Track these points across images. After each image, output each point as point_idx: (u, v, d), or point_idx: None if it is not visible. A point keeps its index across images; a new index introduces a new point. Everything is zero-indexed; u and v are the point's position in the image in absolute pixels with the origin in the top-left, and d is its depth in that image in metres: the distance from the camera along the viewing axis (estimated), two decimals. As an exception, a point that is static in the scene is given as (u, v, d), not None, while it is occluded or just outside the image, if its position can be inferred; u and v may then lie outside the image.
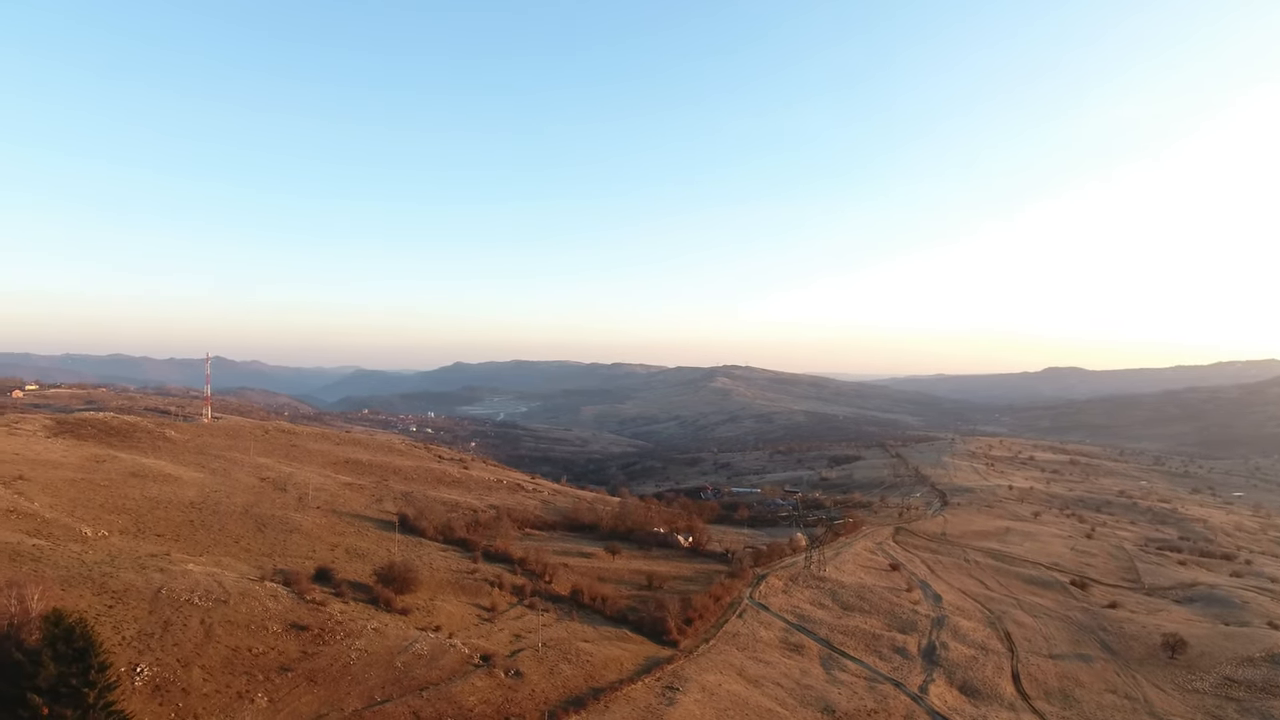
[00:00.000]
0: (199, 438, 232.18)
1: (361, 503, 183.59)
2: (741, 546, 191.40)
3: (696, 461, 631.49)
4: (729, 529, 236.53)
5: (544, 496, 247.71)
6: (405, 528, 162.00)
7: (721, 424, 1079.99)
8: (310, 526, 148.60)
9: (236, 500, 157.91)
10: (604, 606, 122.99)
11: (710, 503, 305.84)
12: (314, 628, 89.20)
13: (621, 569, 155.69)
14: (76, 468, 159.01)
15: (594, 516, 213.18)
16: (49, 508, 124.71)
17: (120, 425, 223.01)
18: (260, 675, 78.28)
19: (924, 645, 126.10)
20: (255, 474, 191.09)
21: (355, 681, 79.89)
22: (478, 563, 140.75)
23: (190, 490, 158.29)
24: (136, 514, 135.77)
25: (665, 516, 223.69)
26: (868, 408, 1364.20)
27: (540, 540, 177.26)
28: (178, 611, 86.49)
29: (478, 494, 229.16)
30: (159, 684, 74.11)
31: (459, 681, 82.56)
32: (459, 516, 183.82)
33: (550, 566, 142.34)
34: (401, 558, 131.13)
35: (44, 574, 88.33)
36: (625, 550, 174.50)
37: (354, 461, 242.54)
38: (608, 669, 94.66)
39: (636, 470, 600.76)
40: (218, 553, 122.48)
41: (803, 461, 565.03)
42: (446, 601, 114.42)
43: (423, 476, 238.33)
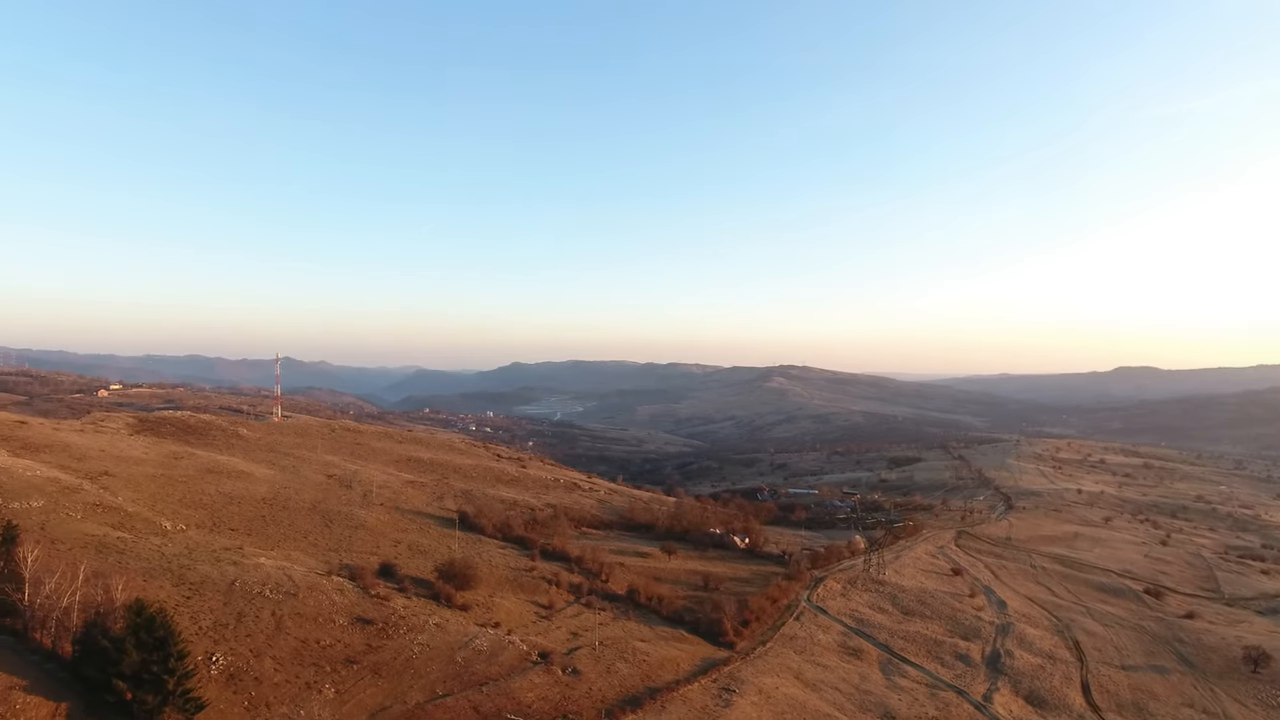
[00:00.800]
0: (270, 436, 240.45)
1: (423, 500, 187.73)
2: (798, 548, 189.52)
3: (753, 462, 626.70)
4: (785, 530, 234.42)
5: (600, 496, 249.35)
6: (465, 525, 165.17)
7: (778, 424, 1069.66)
8: (374, 523, 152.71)
9: (305, 496, 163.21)
10: (660, 606, 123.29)
11: (767, 504, 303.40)
12: (378, 622, 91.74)
13: (677, 569, 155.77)
14: (156, 464, 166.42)
15: (650, 516, 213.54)
16: (131, 502, 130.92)
17: (196, 424, 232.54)
18: (327, 667, 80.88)
19: (988, 652, 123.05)
20: (322, 471, 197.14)
21: (417, 675, 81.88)
22: (535, 561, 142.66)
23: (261, 486, 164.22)
24: (212, 509, 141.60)
25: (721, 517, 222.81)
26: (929, 408, 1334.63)
27: (597, 539, 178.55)
28: (250, 603, 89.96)
29: (535, 492, 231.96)
30: (233, 673, 77.23)
31: (517, 678, 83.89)
32: (517, 514, 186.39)
33: (607, 565, 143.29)
34: (461, 555, 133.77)
35: (127, 565, 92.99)
36: (681, 550, 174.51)
37: (416, 460, 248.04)
38: (664, 669, 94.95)
39: (692, 470, 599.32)
40: (287, 547, 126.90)
41: (861, 463, 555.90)
42: (505, 598, 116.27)
43: (482, 475, 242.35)
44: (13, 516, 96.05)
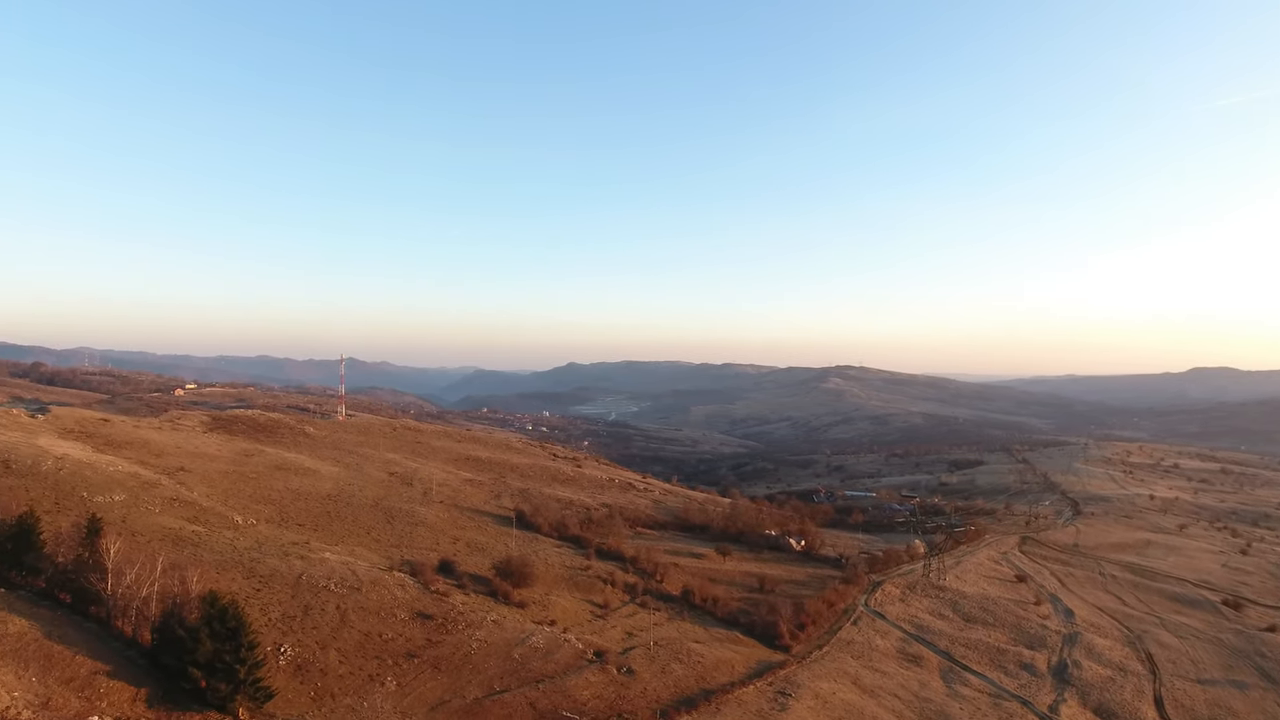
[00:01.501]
0: (334, 434, 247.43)
1: (481, 498, 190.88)
2: (856, 552, 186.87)
3: (808, 464, 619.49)
4: (842, 533, 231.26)
5: (655, 496, 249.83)
6: (522, 523, 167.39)
7: (834, 425, 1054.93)
8: (434, 520, 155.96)
9: (368, 493, 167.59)
10: (715, 608, 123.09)
11: (823, 506, 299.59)
12: (438, 617, 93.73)
13: (732, 571, 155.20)
14: (229, 460, 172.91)
15: (705, 517, 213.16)
16: (205, 497, 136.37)
17: (266, 422, 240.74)
18: (389, 660, 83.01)
19: (1054, 663, 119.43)
20: (384, 469, 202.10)
21: (475, 671, 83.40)
22: (591, 560, 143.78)
23: (327, 483, 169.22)
24: (280, 504, 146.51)
25: (777, 519, 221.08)
26: (991, 410, 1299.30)
27: (651, 539, 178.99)
28: (316, 597, 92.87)
29: (590, 492, 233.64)
30: (300, 664, 79.87)
31: (573, 676, 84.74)
32: (573, 514, 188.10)
33: (661, 566, 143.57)
34: (518, 553, 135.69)
35: (202, 558, 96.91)
36: (736, 552, 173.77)
37: (474, 459, 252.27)
38: (719, 671, 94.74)
39: (747, 471, 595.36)
40: (351, 542, 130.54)
41: (920, 465, 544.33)
42: (561, 597, 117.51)
43: (538, 474, 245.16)
44: (97, 510, 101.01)
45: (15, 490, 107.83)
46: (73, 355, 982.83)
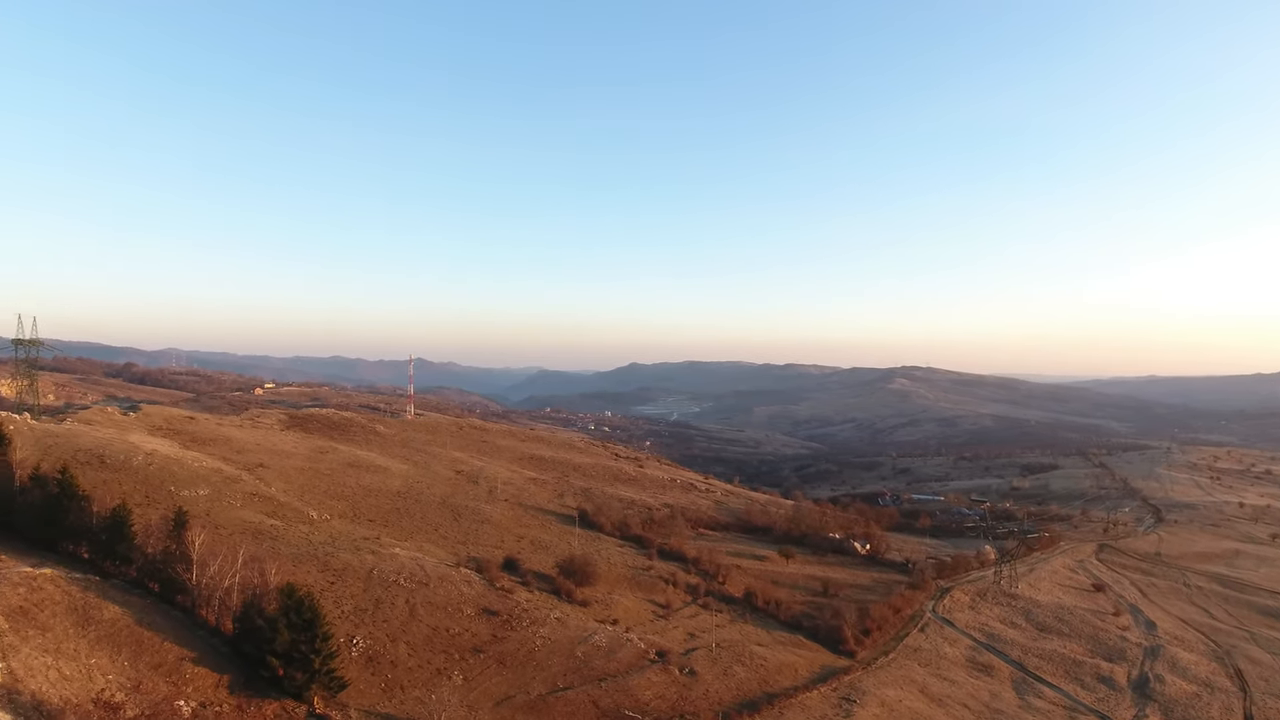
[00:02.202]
0: (403, 433, 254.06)
1: (544, 497, 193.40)
2: (923, 557, 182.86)
3: (873, 466, 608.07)
4: (909, 538, 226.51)
5: (717, 497, 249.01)
6: (584, 522, 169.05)
7: (900, 427, 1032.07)
8: (499, 518, 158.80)
9: (435, 491, 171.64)
10: (778, 611, 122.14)
11: (889, 509, 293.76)
12: (503, 613, 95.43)
13: (795, 574, 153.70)
14: (304, 457, 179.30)
15: (767, 519, 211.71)
16: (283, 492, 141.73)
17: (339, 420, 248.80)
18: (456, 654, 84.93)
19: (1134, 677, 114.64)
20: (451, 467, 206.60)
21: (539, 667, 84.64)
22: (653, 560, 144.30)
23: (396, 480, 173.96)
24: (352, 500, 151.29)
25: (841, 522, 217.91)
26: (1065, 412, 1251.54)
27: (713, 540, 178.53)
28: (387, 591, 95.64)
29: (652, 492, 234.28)
30: (371, 655, 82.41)
31: (635, 675, 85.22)
32: (635, 513, 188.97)
33: (724, 567, 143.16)
34: (581, 551, 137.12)
35: (279, 551, 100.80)
36: (799, 555, 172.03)
37: (538, 458, 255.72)
38: (782, 674, 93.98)
39: (810, 473, 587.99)
40: (420, 539, 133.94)
41: (990, 469, 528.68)
42: (623, 596, 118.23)
43: (601, 473, 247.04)
44: (183, 503, 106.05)
45: (109, 484, 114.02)
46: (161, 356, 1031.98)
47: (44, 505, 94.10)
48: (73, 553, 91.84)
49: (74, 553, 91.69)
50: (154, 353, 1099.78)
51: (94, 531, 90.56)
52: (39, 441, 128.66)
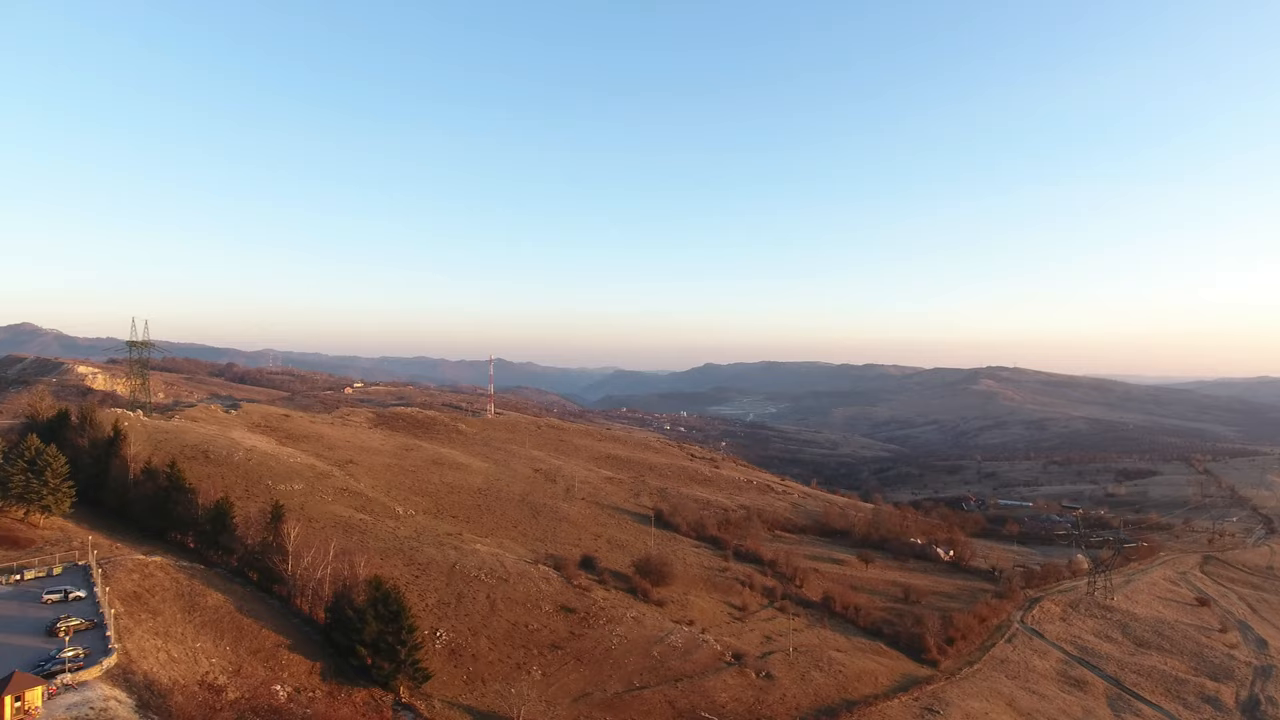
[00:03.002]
0: (484, 431, 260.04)
1: (620, 496, 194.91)
2: (1010, 565, 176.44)
3: (957, 469, 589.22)
4: (995, 544, 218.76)
5: (794, 499, 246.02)
6: (660, 522, 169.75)
7: (986, 430, 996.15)
8: (576, 516, 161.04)
9: (514, 489, 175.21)
10: (857, 616, 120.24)
11: (973, 515, 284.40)
12: (580, 611, 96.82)
13: (875, 579, 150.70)
14: (391, 455, 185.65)
15: (845, 522, 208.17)
16: (371, 488, 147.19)
17: (423, 419, 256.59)
18: (535, 650, 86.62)
19: (1243, 698, 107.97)
20: (530, 465, 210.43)
21: (616, 666, 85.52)
22: (729, 561, 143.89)
23: (477, 478, 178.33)
24: (436, 496, 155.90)
25: (923, 526, 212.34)
26: (1166, 415, 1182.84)
27: (790, 543, 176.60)
28: (468, 585, 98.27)
29: (728, 493, 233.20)
30: (454, 648, 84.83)
31: (711, 677, 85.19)
32: (710, 514, 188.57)
33: (801, 570, 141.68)
34: (657, 551, 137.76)
35: (368, 544, 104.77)
36: (879, 559, 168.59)
37: (613, 457, 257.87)
38: (861, 681, 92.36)
39: (890, 476, 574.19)
40: (499, 535, 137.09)
41: (1083, 474, 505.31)
42: (699, 597, 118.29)
43: (676, 474, 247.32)
44: (279, 497, 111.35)
45: (213, 477, 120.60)
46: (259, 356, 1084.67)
47: (154, 497, 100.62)
48: (180, 542, 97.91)
49: (181, 542, 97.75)
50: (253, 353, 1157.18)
51: (199, 522, 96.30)
52: (150, 437, 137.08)
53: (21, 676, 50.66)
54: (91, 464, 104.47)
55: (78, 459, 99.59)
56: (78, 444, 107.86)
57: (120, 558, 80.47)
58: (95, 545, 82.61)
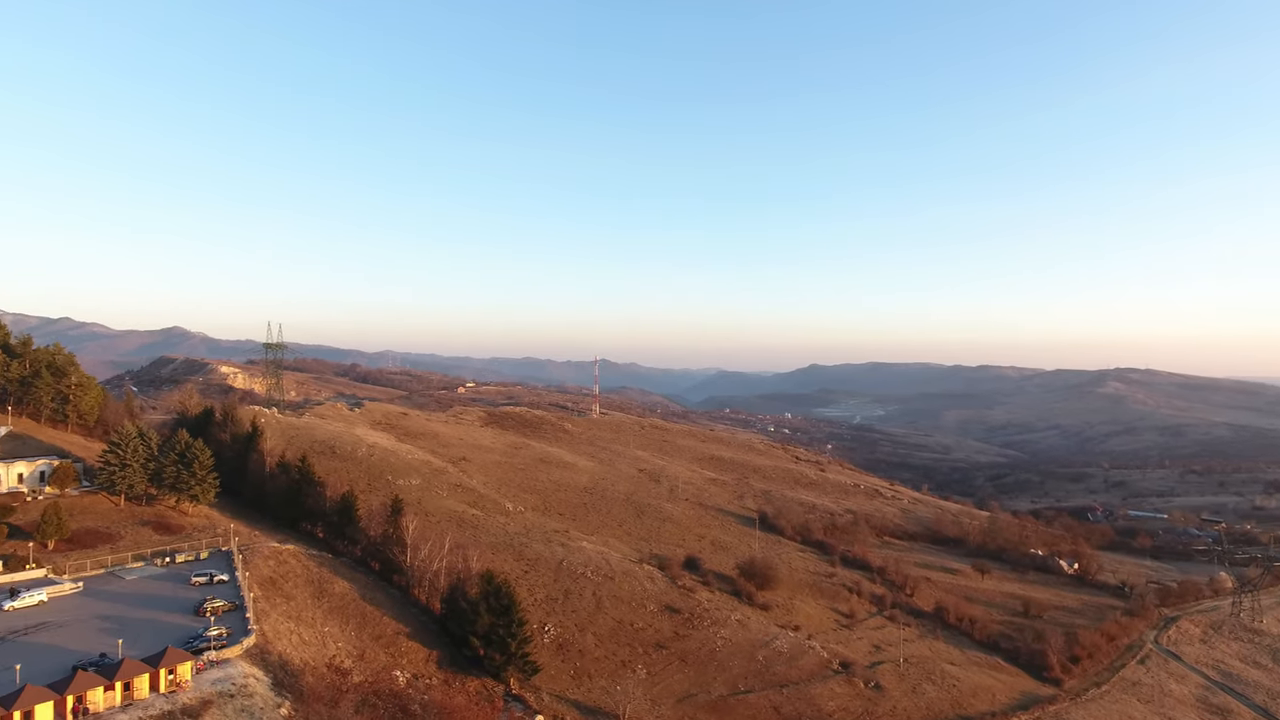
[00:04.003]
0: (590, 431, 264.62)
1: (724, 498, 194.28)
2: (1142, 580, 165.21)
3: (1082, 477, 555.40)
4: (1125, 558, 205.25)
5: (903, 504, 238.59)
6: (765, 525, 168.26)
7: (1114, 436, 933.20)
8: (680, 516, 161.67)
9: (619, 488, 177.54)
10: (972, 629, 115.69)
11: (1100, 526, 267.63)
12: (684, 611, 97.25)
13: (991, 590, 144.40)
14: (501, 452, 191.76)
15: (959, 530, 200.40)
16: (483, 484, 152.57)
17: (531, 418, 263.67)
18: (640, 648, 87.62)
19: None
20: (634, 465, 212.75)
21: (720, 668, 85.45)
22: (835, 567, 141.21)
23: (583, 477, 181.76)
24: (543, 494, 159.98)
25: (1044, 537, 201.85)
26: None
27: (899, 550, 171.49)
28: (575, 582, 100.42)
29: (834, 497, 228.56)
30: (561, 643, 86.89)
31: (817, 684, 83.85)
32: (816, 518, 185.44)
33: (912, 579, 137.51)
34: (762, 554, 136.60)
35: (480, 539, 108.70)
36: (995, 570, 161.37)
37: (717, 458, 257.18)
38: (976, 698, 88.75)
39: (1007, 483, 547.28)
40: (605, 533, 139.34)
41: (1226, 485, 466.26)
42: (805, 602, 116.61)
43: (780, 476, 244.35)
44: (399, 492, 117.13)
45: (339, 472, 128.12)
46: (380, 357, 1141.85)
47: (287, 489, 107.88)
48: (310, 531, 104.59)
49: (311, 531, 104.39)
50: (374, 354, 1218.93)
51: (327, 514, 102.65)
52: (283, 433, 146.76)
53: (174, 652, 55.59)
54: (233, 457, 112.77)
55: (220, 452, 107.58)
56: (221, 439, 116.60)
57: (258, 545, 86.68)
58: (236, 533, 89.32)
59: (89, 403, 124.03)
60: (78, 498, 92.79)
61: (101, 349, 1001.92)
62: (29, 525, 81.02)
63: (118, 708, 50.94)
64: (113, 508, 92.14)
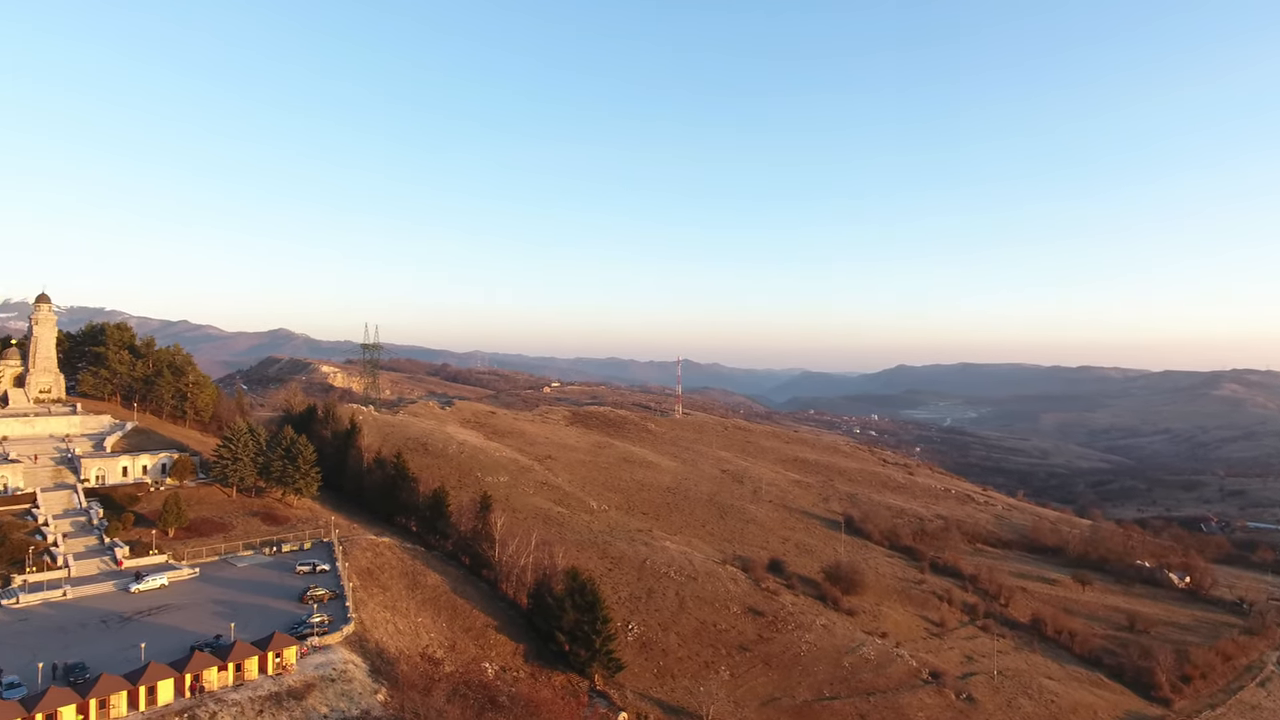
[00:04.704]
0: (672, 431, 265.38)
1: (808, 500, 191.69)
2: (1263, 597, 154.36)
3: (1194, 485, 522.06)
4: (1243, 573, 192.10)
5: (997, 511, 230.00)
6: (850, 529, 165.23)
7: (1230, 441, 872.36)
8: (763, 518, 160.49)
9: (702, 489, 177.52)
10: (1071, 642, 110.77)
11: (1215, 537, 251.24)
12: (768, 614, 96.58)
13: (1093, 603, 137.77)
14: (585, 451, 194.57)
15: (1057, 539, 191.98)
16: (568, 483, 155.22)
17: (615, 418, 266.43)
18: (723, 650, 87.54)
19: None
20: (717, 465, 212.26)
21: (805, 673, 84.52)
22: (924, 573, 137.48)
23: (666, 476, 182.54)
24: (626, 493, 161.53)
25: (1151, 548, 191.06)
26: None
27: (993, 558, 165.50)
28: (658, 582, 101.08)
29: (923, 502, 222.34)
30: (645, 642, 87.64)
31: (906, 693, 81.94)
32: (904, 523, 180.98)
33: (1006, 588, 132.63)
34: (848, 559, 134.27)
35: (565, 536, 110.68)
36: (1098, 581, 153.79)
37: (801, 460, 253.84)
38: (1076, 715, 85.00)
39: (1111, 490, 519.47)
40: (687, 533, 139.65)
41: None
42: (892, 609, 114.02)
43: (866, 479, 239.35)
44: (487, 488, 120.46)
45: (431, 468, 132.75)
46: (469, 358, 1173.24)
47: (383, 484, 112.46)
48: (403, 525, 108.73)
49: (405, 525, 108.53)
50: (463, 354, 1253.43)
51: (420, 509, 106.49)
52: (379, 430, 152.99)
53: (280, 637, 58.89)
54: (333, 453, 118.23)
55: (322, 448, 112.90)
56: (322, 435, 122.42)
57: (356, 537, 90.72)
58: (336, 525, 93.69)
59: (205, 400, 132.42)
60: (194, 489, 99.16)
61: (215, 349, 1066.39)
62: (152, 514, 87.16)
63: (230, 687, 54.35)
64: (225, 499, 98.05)
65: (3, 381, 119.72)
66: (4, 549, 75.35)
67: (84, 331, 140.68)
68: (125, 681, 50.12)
